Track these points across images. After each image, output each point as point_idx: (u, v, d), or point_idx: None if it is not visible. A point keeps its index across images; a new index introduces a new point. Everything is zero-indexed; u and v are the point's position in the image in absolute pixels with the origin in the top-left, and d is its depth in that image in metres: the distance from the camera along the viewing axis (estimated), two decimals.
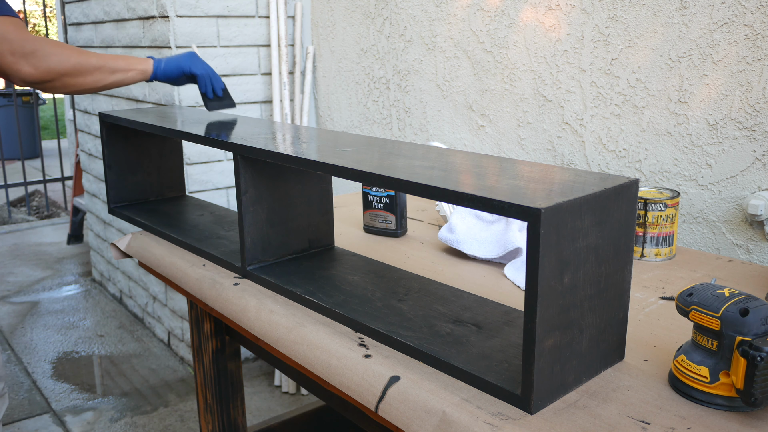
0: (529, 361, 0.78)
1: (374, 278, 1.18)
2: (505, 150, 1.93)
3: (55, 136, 5.71)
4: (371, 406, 0.90)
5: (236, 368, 1.62)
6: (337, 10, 2.54)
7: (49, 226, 4.93)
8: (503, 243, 1.32)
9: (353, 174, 0.96)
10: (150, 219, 1.60)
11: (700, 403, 0.80)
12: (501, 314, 1.02)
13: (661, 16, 1.49)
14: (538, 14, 1.76)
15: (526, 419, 0.78)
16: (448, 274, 1.27)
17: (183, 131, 1.35)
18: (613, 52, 1.60)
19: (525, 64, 1.83)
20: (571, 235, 0.78)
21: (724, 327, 0.77)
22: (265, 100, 2.70)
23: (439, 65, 2.11)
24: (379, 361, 0.93)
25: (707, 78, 1.43)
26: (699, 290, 0.82)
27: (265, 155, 1.12)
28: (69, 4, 3.37)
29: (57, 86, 1.46)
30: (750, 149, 1.38)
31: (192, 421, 2.41)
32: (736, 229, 1.43)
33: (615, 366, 0.90)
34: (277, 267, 1.25)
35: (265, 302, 1.14)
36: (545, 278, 0.76)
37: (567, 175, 0.90)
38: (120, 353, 2.94)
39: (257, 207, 1.22)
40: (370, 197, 1.53)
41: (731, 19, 1.37)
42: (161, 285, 2.90)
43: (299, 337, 1.04)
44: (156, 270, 1.49)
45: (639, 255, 1.32)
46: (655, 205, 1.29)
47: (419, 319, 1.02)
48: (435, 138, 2.17)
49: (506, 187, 0.83)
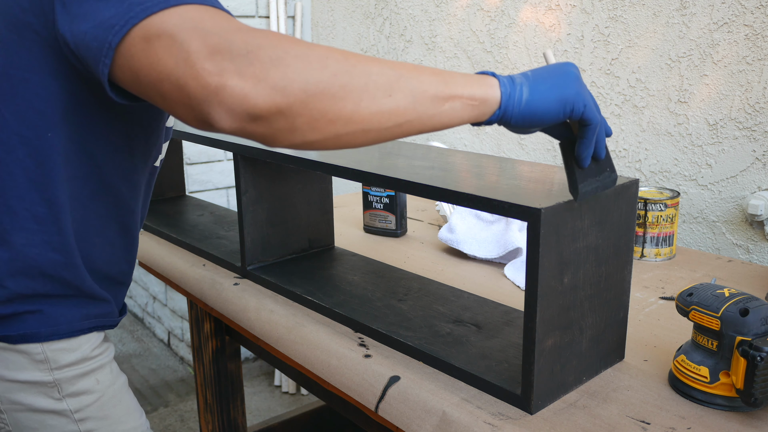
0: (529, 361, 0.78)
1: (374, 278, 1.18)
2: (505, 150, 1.93)
3: None
4: (371, 406, 0.90)
5: (236, 368, 1.62)
6: (337, 10, 2.54)
7: None
8: (503, 243, 1.32)
9: (353, 174, 0.96)
10: (150, 219, 1.60)
11: (700, 403, 0.80)
12: (501, 314, 1.02)
13: (661, 16, 1.49)
14: (538, 14, 1.76)
15: (526, 419, 0.78)
16: (448, 274, 1.27)
17: (183, 131, 1.35)
18: (613, 52, 1.60)
19: (525, 64, 1.83)
20: (571, 235, 0.78)
21: (724, 327, 0.77)
22: None
23: (439, 65, 2.11)
24: (379, 361, 0.93)
25: (707, 78, 1.43)
26: (699, 290, 0.82)
27: (265, 155, 1.12)
28: None
29: (299, 123, 0.63)
30: (750, 149, 1.38)
31: (192, 421, 2.41)
32: (736, 229, 1.43)
33: (615, 366, 0.90)
34: (277, 267, 1.25)
35: (265, 302, 1.14)
36: (545, 278, 0.76)
37: None
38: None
39: (257, 207, 1.22)
40: (370, 197, 1.53)
41: (731, 19, 1.37)
42: (161, 285, 2.90)
43: (299, 337, 1.04)
44: (156, 270, 1.49)
45: (639, 255, 1.32)
46: (655, 205, 1.29)
47: (419, 319, 1.02)
48: (435, 138, 2.18)
49: (506, 187, 0.83)
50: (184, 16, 0.64)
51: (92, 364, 0.90)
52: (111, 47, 0.65)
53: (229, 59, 0.60)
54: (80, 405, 0.89)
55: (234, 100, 0.60)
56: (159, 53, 0.62)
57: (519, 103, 0.71)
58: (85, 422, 0.89)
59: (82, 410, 0.89)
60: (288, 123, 0.63)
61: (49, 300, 0.86)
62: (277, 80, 0.61)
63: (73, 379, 0.88)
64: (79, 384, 0.88)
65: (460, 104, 0.69)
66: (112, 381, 0.93)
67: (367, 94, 0.64)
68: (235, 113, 0.61)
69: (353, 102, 0.64)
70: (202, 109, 0.61)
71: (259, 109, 0.61)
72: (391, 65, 0.67)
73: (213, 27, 0.63)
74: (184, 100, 0.62)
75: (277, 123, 0.63)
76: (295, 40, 0.64)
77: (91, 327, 0.90)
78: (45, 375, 0.86)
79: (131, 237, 0.94)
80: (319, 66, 0.63)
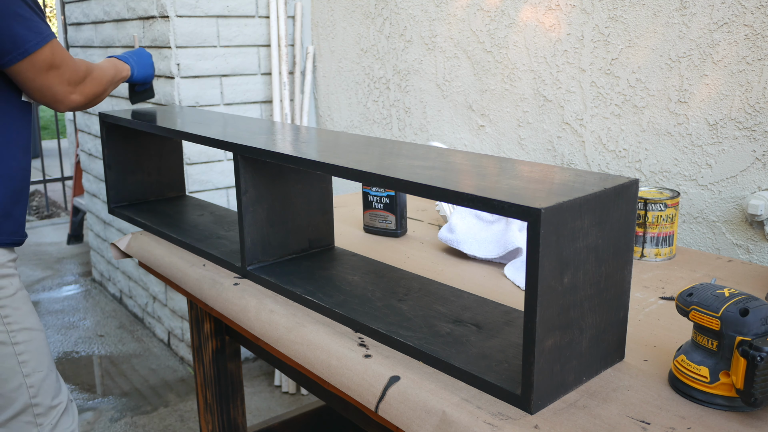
0: (529, 361, 0.78)
1: (374, 278, 1.18)
2: (505, 150, 1.93)
3: (55, 135, 5.71)
4: (371, 406, 0.90)
5: (236, 368, 1.62)
6: (337, 10, 2.54)
7: (49, 226, 4.93)
8: (503, 243, 1.32)
9: (353, 174, 0.96)
10: (150, 219, 1.60)
11: (700, 403, 0.80)
12: (501, 314, 1.02)
13: (661, 16, 1.49)
14: (538, 14, 1.76)
15: (526, 419, 0.78)
16: (448, 274, 1.27)
17: (183, 131, 1.35)
18: (613, 52, 1.60)
19: (525, 64, 1.83)
20: (571, 235, 0.78)
21: (724, 327, 0.77)
22: (265, 100, 2.70)
23: (439, 65, 2.11)
24: (379, 361, 0.93)
25: (707, 78, 1.43)
26: (699, 290, 0.82)
27: (265, 155, 1.12)
28: (69, 4, 3.36)
29: (88, 107, 1.44)
30: (750, 149, 1.38)
31: (192, 421, 2.41)
32: (736, 229, 1.43)
33: (615, 366, 0.90)
34: (277, 267, 1.25)
35: (265, 302, 1.14)
36: (545, 278, 0.76)
37: (567, 175, 0.90)
38: (120, 353, 2.94)
39: (257, 207, 1.22)
40: (370, 197, 1.53)
41: (731, 19, 1.37)
42: (161, 285, 2.90)
43: (299, 337, 1.04)
44: (156, 270, 1.49)
45: (639, 255, 1.32)
46: (655, 205, 1.29)
47: (419, 319, 1.02)
48: (435, 138, 2.17)
49: (506, 187, 0.83)
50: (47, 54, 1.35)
51: (7, 270, 1.34)
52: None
53: (75, 84, 1.38)
54: (1, 295, 1.32)
55: (70, 104, 1.39)
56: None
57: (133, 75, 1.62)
58: (4, 309, 1.32)
59: (2, 300, 1.32)
60: (84, 107, 1.44)
61: None
62: (90, 92, 1.43)
63: None
64: (0, 281, 1.32)
65: (121, 77, 1.56)
66: (21, 286, 1.38)
67: (108, 87, 1.49)
68: (69, 109, 1.40)
69: (105, 94, 1.48)
70: (55, 104, 1.37)
71: (79, 106, 1.42)
72: (104, 68, 1.50)
73: (71, 65, 1.38)
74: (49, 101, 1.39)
75: (80, 109, 1.44)
76: (87, 64, 1.43)
77: (7, 242, 1.35)
78: None
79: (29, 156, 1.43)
80: (99, 78, 1.45)
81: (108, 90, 1.49)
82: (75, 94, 1.37)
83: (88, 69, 1.41)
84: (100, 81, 1.44)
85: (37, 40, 1.28)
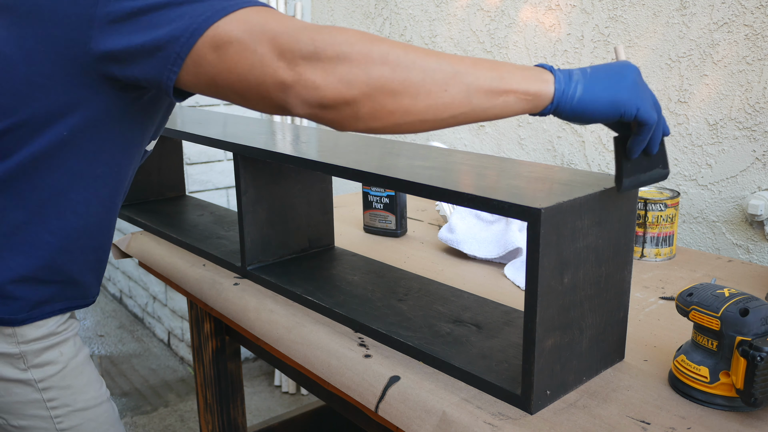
0: (529, 361, 0.78)
1: (374, 278, 1.18)
2: (505, 150, 1.93)
3: None
4: (371, 406, 0.90)
5: (236, 368, 1.62)
6: (337, 10, 2.54)
7: None
8: (503, 243, 1.32)
9: (353, 174, 0.96)
10: (150, 219, 1.60)
11: (700, 403, 0.80)
12: (501, 314, 1.02)
13: (661, 16, 1.49)
14: (538, 14, 1.76)
15: (526, 419, 0.78)
16: (448, 274, 1.27)
17: (183, 131, 1.35)
18: (613, 52, 1.60)
19: (524, 64, 1.83)
20: (571, 235, 0.78)
21: (724, 327, 0.77)
22: None
23: None
24: (379, 361, 0.93)
25: (707, 78, 1.43)
26: (699, 290, 0.82)
27: (265, 155, 1.12)
28: None
29: (363, 112, 0.71)
30: (750, 149, 1.38)
31: (192, 421, 2.41)
32: (736, 229, 1.43)
33: (615, 366, 0.90)
34: (277, 267, 1.25)
35: (265, 302, 1.14)
36: (545, 278, 0.76)
37: (567, 175, 0.90)
38: (120, 353, 2.94)
39: (257, 207, 1.22)
40: (370, 197, 1.53)
41: (731, 19, 1.37)
42: (161, 285, 2.90)
43: (299, 337, 1.04)
44: (156, 270, 1.49)
45: (639, 255, 1.32)
46: (655, 205, 1.29)
47: (419, 319, 1.02)
48: (435, 138, 2.17)
49: (506, 187, 0.83)
50: (249, 21, 0.71)
51: (57, 339, 0.96)
52: (180, 57, 0.73)
53: (299, 56, 0.69)
54: (44, 375, 0.95)
55: (307, 92, 0.69)
56: (234, 58, 0.71)
57: (571, 100, 0.74)
58: (48, 391, 0.96)
59: (46, 380, 0.96)
60: (353, 112, 0.71)
61: (37, 286, 0.91)
62: (343, 74, 0.69)
63: (38, 351, 0.94)
64: (44, 356, 0.95)
65: (513, 98, 0.73)
66: (75, 353, 0.99)
67: (424, 88, 0.70)
68: (307, 102, 0.70)
69: (411, 96, 0.70)
70: (279, 100, 0.71)
71: (328, 100, 0.69)
72: (450, 60, 0.72)
73: (278, 27, 0.70)
74: (263, 95, 0.71)
75: (344, 111, 0.71)
76: (358, 36, 0.70)
77: (63, 309, 0.96)
78: (12, 347, 0.91)
79: (114, 214, 1.00)
80: (381, 62, 0.69)
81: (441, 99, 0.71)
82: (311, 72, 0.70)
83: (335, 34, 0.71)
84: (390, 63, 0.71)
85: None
